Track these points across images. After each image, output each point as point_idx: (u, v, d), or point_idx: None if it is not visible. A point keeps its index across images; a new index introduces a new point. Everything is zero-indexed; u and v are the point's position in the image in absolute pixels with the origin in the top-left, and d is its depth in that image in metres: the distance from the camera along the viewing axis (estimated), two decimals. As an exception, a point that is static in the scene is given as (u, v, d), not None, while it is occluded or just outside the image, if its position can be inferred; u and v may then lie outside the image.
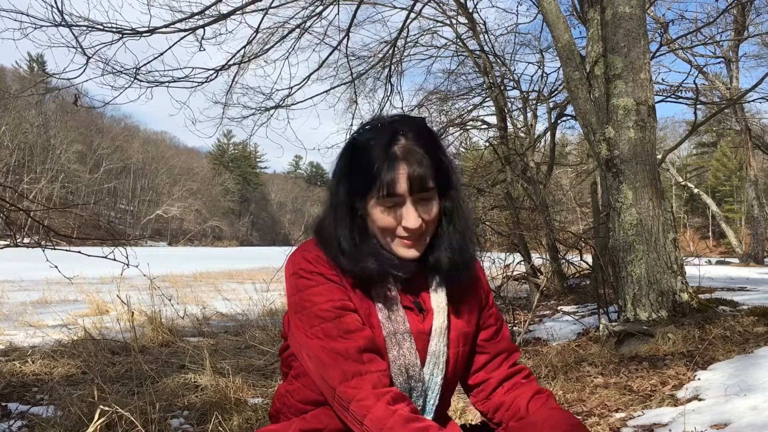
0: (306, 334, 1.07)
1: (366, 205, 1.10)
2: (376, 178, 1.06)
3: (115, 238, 7.21)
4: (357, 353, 1.04)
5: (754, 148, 21.15)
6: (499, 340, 1.26)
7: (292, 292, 1.11)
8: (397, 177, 1.05)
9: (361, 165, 1.08)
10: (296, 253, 1.15)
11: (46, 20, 5.64)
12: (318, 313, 1.07)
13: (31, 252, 4.13)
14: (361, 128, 1.13)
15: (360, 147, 1.09)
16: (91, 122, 63.91)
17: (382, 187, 1.05)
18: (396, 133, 1.08)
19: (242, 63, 7.88)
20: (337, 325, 1.06)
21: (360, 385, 1.02)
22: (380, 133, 1.09)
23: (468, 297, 1.22)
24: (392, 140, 1.07)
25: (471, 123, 11.94)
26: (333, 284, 1.10)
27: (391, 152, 1.06)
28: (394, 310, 1.13)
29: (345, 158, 1.13)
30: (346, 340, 1.05)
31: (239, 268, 19.04)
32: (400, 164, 1.06)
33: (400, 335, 1.12)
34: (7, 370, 3.78)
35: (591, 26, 5.05)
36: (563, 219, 15.22)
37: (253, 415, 2.80)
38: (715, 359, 3.43)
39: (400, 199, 1.07)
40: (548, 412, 1.14)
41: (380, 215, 1.09)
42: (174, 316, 5.93)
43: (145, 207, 71.59)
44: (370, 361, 1.05)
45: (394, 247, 1.11)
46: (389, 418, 0.98)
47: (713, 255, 35.11)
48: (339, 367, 1.03)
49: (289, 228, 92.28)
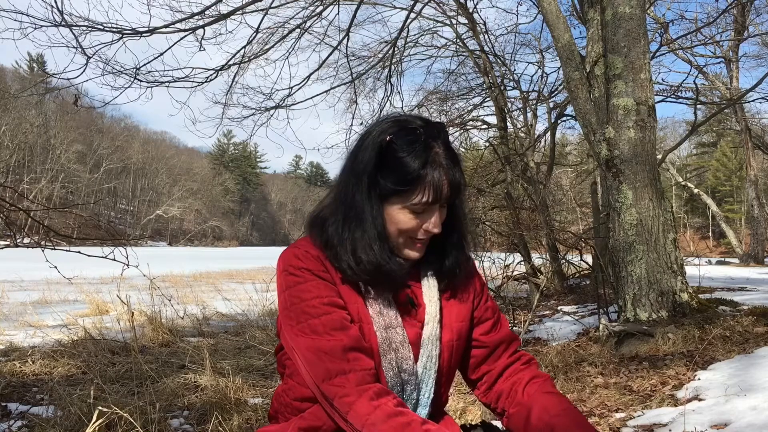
0: (293, 331, 1.07)
1: (388, 206, 1.09)
2: (419, 183, 1.05)
3: (115, 238, 7.20)
4: (342, 352, 1.03)
5: (754, 148, 21.15)
6: (497, 331, 1.26)
7: (281, 290, 1.11)
8: (443, 184, 1.06)
9: (400, 169, 1.06)
10: (287, 250, 1.14)
11: (46, 20, 5.64)
12: (305, 309, 1.06)
13: (31, 252, 4.13)
14: (387, 126, 1.10)
15: (396, 147, 1.07)
16: (91, 122, 63.91)
17: (429, 192, 1.05)
18: (431, 138, 1.08)
19: (242, 63, 7.88)
20: (323, 321, 1.05)
21: (343, 383, 1.01)
22: (417, 138, 1.07)
23: (460, 292, 1.22)
24: (430, 146, 1.07)
25: (471, 123, 11.96)
26: (321, 281, 1.09)
27: (434, 158, 1.06)
28: (385, 304, 1.13)
29: (371, 154, 1.08)
30: (332, 338, 1.04)
31: (239, 268, 19.04)
32: (443, 171, 1.06)
33: (392, 329, 1.12)
34: (7, 370, 3.78)
35: (591, 26, 5.05)
36: (563, 219, 15.22)
37: (253, 415, 2.80)
38: (715, 359, 3.43)
39: (436, 204, 1.08)
40: (542, 396, 1.15)
41: (407, 218, 1.08)
42: (174, 316, 5.93)
43: (145, 207, 71.59)
44: (355, 359, 1.04)
45: (405, 248, 1.12)
46: (371, 414, 0.98)
47: (713, 255, 35.11)
48: (323, 365, 1.03)
49: (289, 228, 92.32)
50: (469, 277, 1.25)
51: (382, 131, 1.09)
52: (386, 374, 1.11)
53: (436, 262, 1.18)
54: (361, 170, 1.09)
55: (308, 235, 1.16)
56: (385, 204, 1.09)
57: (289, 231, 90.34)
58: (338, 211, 1.12)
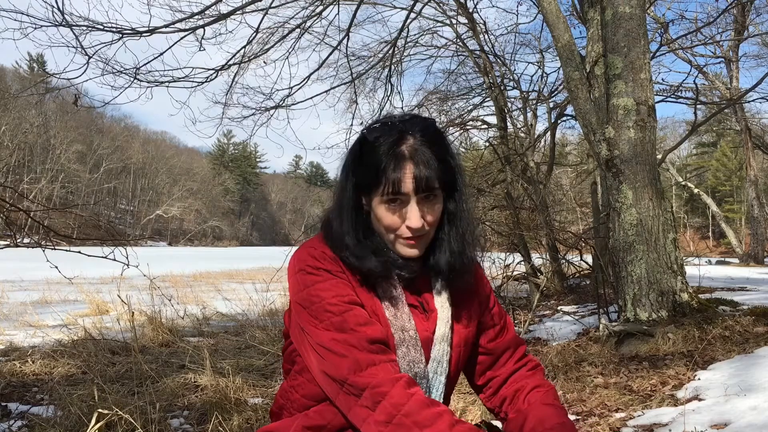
0: (316, 328, 1.07)
1: (372, 202, 1.11)
2: (382, 176, 1.06)
3: (115, 238, 7.19)
4: (369, 344, 1.04)
5: (754, 148, 21.15)
6: (503, 338, 1.27)
7: (299, 289, 1.11)
8: (403, 176, 1.06)
9: (369, 162, 1.08)
10: (301, 250, 1.15)
11: (47, 20, 5.64)
12: (327, 307, 1.07)
13: (31, 252, 4.12)
14: (371, 125, 1.13)
15: (368, 144, 1.09)
16: (91, 122, 63.93)
17: (388, 185, 1.06)
18: (405, 132, 1.09)
19: (242, 63, 7.88)
20: (346, 318, 1.06)
21: (375, 373, 1.01)
22: (389, 132, 1.09)
23: (469, 300, 1.23)
24: (400, 139, 1.08)
25: (471, 123, 11.94)
26: (339, 280, 1.10)
27: (398, 151, 1.07)
28: (399, 307, 1.14)
29: (353, 154, 1.13)
30: (357, 332, 1.04)
31: (239, 268, 19.03)
32: (407, 163, 1.06)
33: (406, 333, 1.13)
34: (7, 370, 3.78)
35: (591, 26, 5.05)
36: (563, 219, 15.21)
37: (253, 415, 2.80)
38: (715, 359, 3.43)
39: (405, 198, 1.07)
40: (540, 407, 1.15)
41: (385, 213, 1.09)
42: (174, 316, 5.93)
43: (145, 207, 71.59)
44: (382, 351, 1.05)
45: (397, 245, 1.12)
46: (407, 402, 0.98)
47: (713, 255, 35.10)
48: (352, 357, 1.02)
49: (289, 228, 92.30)
50: (477, 284, 1.25)
51: (363, 129, 1.13)
52: None
53: (441, 268, 1.18)
54: (346, 168, 1.14)
55: (321, 234, 1.18)
56: (372, 200, 1.11)
57: (289, 231, 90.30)
58: (335, 210, 1.15)
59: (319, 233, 1.19)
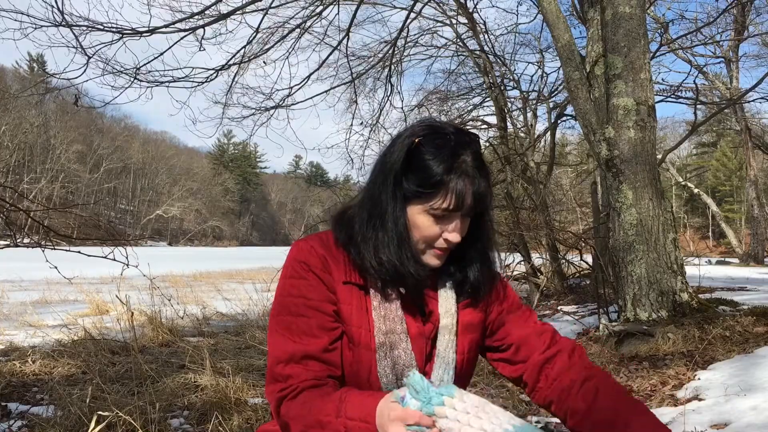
0: (270, 321, 1.11)
1: (409, 209, 1.09)
2: (442, 187, 1.05)
3: (115, 238, 7.20)
4: (302, 357, 1.06)
5: (754, 148, 21.15)
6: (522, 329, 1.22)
7: (281, 276, 1.14)
8: (467, 191, 1.05)
9: (424, 169, 1.06)
10: (300, 240, 1.16)
11: (47, 20, 5.64)
12: (287, 304, 1.09)
13: (31, 252, 4.12)
14: (419, 129, 1.10)
15: (424, 150, 1.06)
16: (91, 122, 63.91)
17: (450, 198, 1.05)
18: (465, 146, 1.07)
19: (242, 63, 7.88)
20: (298, 323, 1.07)
21: (291, 373, 1.05)
22: (449, 142, 1.07)
23: (479, 307, 1.20)
24: (461, 152, 1.06)
25: (471, 123, 11.93)
26: (316, 280, 1.10)
27: (462, 165, 1.06)
28: (392, 309, 1.11)
29: (399, 155, 1.08)
30: (299, 341, 1.07)
31: (239, 268, 19.03)
32: (469, 179, 1.06)
33: (395, 335, 1.10)
34: (7, 370, 3.78)
35: (591, 26, 5.05)
36: (563, 219, 15.21)
37: (253, 415, 2.80)
38: (715, 359, 3.43)
39: (458, 212, 1.07)
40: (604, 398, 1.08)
41: (428, 223, 1.08)
42: (174, 316, 5.92)
43: (145, 207, 71.59)
44: (310, 367, 1.06)
45: (425, 254, 1.11)
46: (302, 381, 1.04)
47: (713, 255, 35.10)
48: (282, 357, 1.06)
49: (289, 228, 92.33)
50: (495, 292, 1.22)
51: (413, 133, 1.09)
52: (381, 380, 1.09)
53: (457, 274, 1.17)
54: (388, 170, 1.09)
55: (330, 230, 1.17)
56: (408, 206, 1.08)
57: (289, 231, 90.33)
58: (364, 209, 1.12)
59: (327, 231, 1.17)
